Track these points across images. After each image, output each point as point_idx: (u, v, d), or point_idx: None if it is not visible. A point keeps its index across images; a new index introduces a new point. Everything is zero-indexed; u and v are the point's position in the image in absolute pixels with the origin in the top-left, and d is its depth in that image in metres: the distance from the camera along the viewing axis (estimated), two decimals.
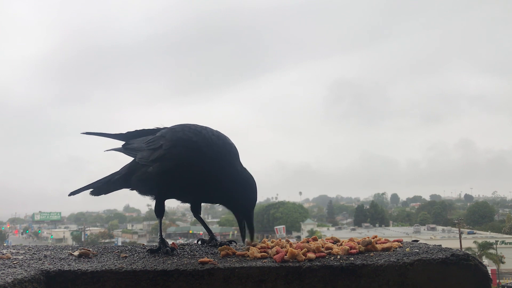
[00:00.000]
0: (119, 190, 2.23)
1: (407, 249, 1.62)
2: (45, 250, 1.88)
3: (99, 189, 2.26)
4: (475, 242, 42.83)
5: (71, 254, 1.74)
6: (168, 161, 1.85)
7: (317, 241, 1.74)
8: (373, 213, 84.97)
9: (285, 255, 1.52)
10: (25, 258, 1.66)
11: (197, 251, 1.81)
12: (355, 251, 1.61)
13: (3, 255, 1.65)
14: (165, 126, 2.10)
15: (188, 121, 2.04)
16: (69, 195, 2.29)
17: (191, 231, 75.34)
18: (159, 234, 1.97)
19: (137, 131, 2.18)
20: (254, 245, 1.73)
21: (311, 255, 1.52)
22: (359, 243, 1.67)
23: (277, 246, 1.68)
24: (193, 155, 1.83)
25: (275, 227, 64.63)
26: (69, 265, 1.53)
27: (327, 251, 1.60)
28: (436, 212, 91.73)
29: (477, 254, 37.58)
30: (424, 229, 65.74)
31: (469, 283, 1.40)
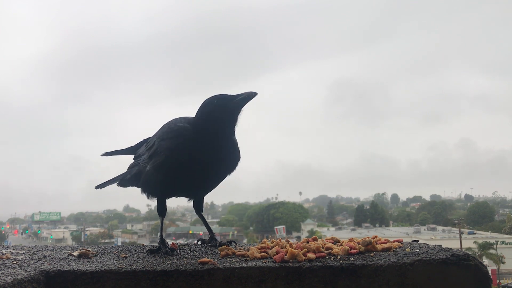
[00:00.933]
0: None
1: (407, 249, 1.62)
2: (45, 250, 1.87)
3: (121, 183, 2.27)
4: (475, 242, 42.81)
5: (71, 254, 1.74)
6: (160, 155, 1.91)
7: (317, 241, 1.74)
8: (373, 213, 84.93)
9: (285, 255, 1.52)
10: (24, 258, 1.66)
11: (197, 251, 1.81)
12: (355, 251, 1.61)
13: (3, 255, 1.65)
14: None
15: None
16: (96, 188, 2.33)
17: (191, 231, 75.30)
18: (159, 234, 1.98)
19: (144, 140, 2.22)
20: None
21: (311, 255, 1.52)
22: (359, 243, 1.67)
23: (277, 246, 1.68)
24: (180, 142, 1.86)
25: (275, 227, 64.67)
26: (68, 265, 1.53)
27: (327, 251, 1.60)
28: (436, 212, 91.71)
29: (477, 254, 37.58)
30: (424, 229, 65.71)
31: (469, 283, 1.39)
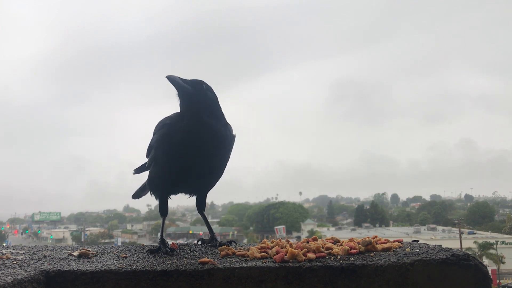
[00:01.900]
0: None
1: (407, 249, 1.62)
2: (45, 250, 1.87)
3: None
4: (475, 242, 42.79)
5: (71, 254, 1.74)
6: (155, 151, 1.96)
7: (317, 241, 1.74)
8: (373, 213, 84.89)
9: (285, 255, 1.52)
10: (24, 258, 1.66)
11: (197, 251, 1.81)
12: (355, 251, 1.61)
13: (3, 255, 1.65)
14: None
15: None
16: (133, 198, 2.39)
17: (191, 231, 75.27)
18: (160, 234, 1.98)
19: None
20: None
21: (311, 255, 1.52)
22: (359, 243, 1.66)
23: (277, 246, 1.68)
24: (165, 131, 1.91)
25: (275, 227, 64.67)
26: (68, 265, 1.52)
27: (327, 251, 1.60)
28: (436, 212, 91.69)
29: (477, 254, 37.59)
30: (424, 229, 65.70)
31: (469, 283, 1.39)
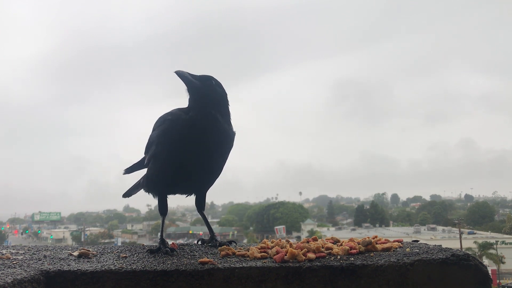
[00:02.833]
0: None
1: (407, 249, 1.62)
2: (45, 250, 1.87)
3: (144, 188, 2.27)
4: (475, 242, 42.77)
5: (71, 254, 1.74)
6: (155, 146, 1.94)
7: (317, 241, 1.74)
8: (373, 213, 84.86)
9: (285, 255, 1.52)
10: (24, 258, 1.66)
11: (197, 251, 1.81)
12: (355, 251, 1.61)
13: (3, 255, 1.65)
14: None
15: None
16: (123, 197, 2.37)
17: (191, 231, 75.24)
18: (160, 234, 1.97)
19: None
20: None
21: (311, 255, 1.52)
22: (359, 243, 1.66)
23: (277, 246, 1.68)
24: (167, 126, 1.89)
25: (275, 227, 64.63)
26: (68, 265, 1.52)
27: (327, 251, 1.60)
28: (436, 212, 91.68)
29: (477, 254, 37.58)
30: (424, 229, 65.66)
31: (469, 283, 1.39)
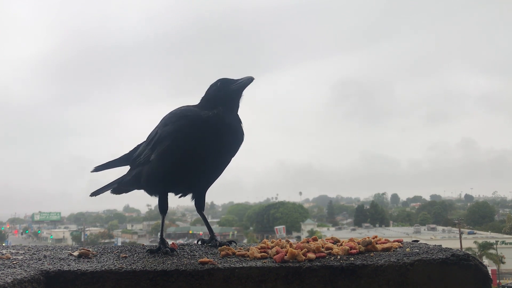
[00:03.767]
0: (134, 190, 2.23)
1: (407, 249, 1.62)
2: (45, 250, 1.87)
3: (116, 189, 2.28)
4: (475, 242, 42.76)
5: (71, 254, 1.74)
6: (164, 141, 1.87)
7: (317, 241, 1.74)
8: (373, 213, 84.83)
9: (285, 255, 1.52)
10: (24, 258, 1.66)
11: (197, 251, 1.81)
12: (355, 251, 1.61)
13: (3, 255, 1.65)
14: None
15: None
16: (91, 196, 2.32)
17: (191, 231, 75.24)
18: (160, 233, 1.97)
19: (138, 145, 2.15)
20: None
21: (311, 255, 1.52)
22: (359, 243, 1.66)
23: (277, 246, 1.68)
24: (184, 123, 1.84)
25: (275, 227, 64.61)
26: (68, 265, 1.52)
27: (327, 251, 1.60)
28: (436, 212, 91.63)
29: (477, 254, 37.57)
30: (424, 229, 65.62)
31: (469, 283, 1.39)
